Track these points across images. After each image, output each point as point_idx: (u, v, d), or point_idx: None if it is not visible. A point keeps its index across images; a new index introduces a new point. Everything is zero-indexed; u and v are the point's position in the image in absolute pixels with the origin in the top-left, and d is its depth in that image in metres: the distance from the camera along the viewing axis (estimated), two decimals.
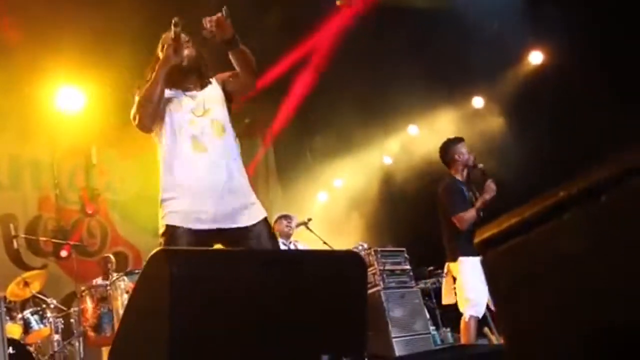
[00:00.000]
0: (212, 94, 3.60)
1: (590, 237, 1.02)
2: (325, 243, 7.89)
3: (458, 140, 6.07)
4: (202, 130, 3.42)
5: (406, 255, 8.02)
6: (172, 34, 3.34)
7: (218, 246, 3.33)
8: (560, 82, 8.94)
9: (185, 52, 3.48)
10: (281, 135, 12.74)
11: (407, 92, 9.98)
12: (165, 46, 3.40)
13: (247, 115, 11.10)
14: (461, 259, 5.61)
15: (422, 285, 8.83)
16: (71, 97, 9.87)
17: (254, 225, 3.36)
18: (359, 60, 9.98)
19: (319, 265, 2.16)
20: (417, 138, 11.39)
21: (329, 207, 12.08)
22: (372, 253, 7.78)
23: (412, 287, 7.85)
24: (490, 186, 5.65)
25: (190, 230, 3.21)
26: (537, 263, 1.12)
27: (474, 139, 9.63)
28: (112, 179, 10.97)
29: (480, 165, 5.80)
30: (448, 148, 6.00)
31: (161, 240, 3.25)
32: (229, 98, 3.66)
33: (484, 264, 1.28)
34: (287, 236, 7.68)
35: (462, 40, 9.08)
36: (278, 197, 12.83)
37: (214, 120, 3.48)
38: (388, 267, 7.72)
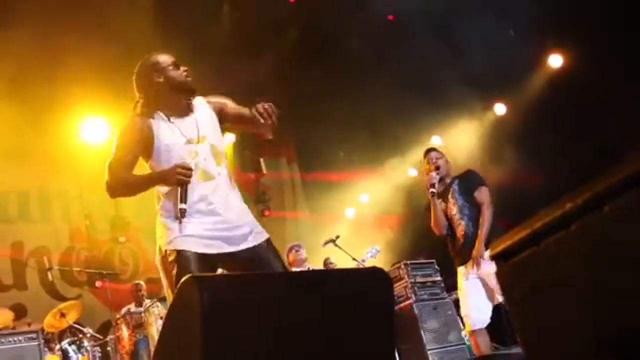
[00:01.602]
0: (204, 114, 3.50)
1: (596, 246, 1.04)
2: (354, 259, 7.90)
3: (425, 152, 6.00)
4: (204, 157, 3.35)
5: (436, 266, 8.00)
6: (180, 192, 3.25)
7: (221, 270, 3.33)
8: (581, 85, 8.90)
9: (185, 75, 3.45)
10: (304, 153, 12.82)
11: (429, 103, 9.99)
12: (178, 174, 3.22)
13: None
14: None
15: (454, 295, 8.77)
16: (95, 128, 9.99)
17: (259, 244, 3.35)
18: (379, 72, 10.02)
19: (344, 284, 2.18)
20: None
21: (358, 222, 12.07)
22: (402, 266, 7.77)
23: (444, 299, 7.81)
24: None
25: (199, 254, 3.19)
26: (548, 273, 1.15)
27: (497, 145, 9.62)
28: (141, 206, 11.04)
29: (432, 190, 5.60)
30: None
31: (172, 265, 3.19)
32: (222, 120, 3.57)
33: (499, 275, 1.31)
34: (302, 263, 7.68)
35: (480, 47, 9.08)
36: (307, 216, 12.87)
37: (213, 146, 3.42)
38: (419, 279, 7.70)
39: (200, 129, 3.40)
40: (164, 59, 3.50)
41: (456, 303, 8.33)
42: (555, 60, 10.03)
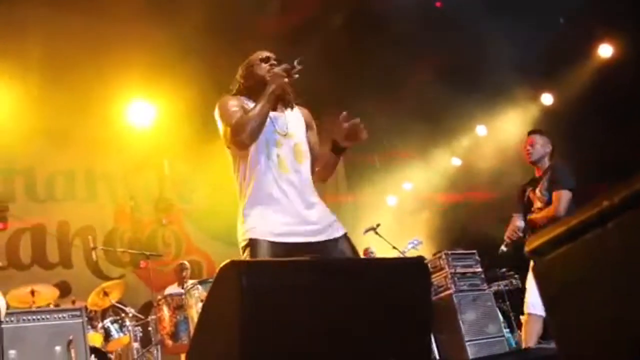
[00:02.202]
0: (296, 119, 3.62)
1: (632, 245, 1.03)
2: (395, 248, 7.88)
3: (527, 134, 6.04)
4: (287, 152, 3.45)
5: (477, 257, 7.95)
6: (293, 68, 3.37)
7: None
8: (631, 77, 8.70)
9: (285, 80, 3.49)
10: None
11: (474, 91, 9.89)
12: (279, 76, 3.39)
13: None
14: None
15: (494, 287, 8.72)
16: (142, 111, 10.15)
17: (336, 239, 3.39)
18: (422, 61, 9.94)
19: (383, 273, 2.19)
20: (486, 138, 11.24)
21: (399, 210, 12.03)
22: (443, 256, 7.74)
23: (484, 290, 7.77)
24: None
25: (273, 243, 3.24)
26: (583, 270, 1.14)
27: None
28: (184, 190, 11.22)
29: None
30: None
31: (245, 253, 3.27)
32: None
33: (534, 270, 1.31)
34: None
35: (528, 34, 8.93)
36: (348, 203, 12.86)
37: (297, 144, 3.52)
38: (459, 270, 7.67)
39: (289, 126, 3.53)
40: (264, 55, 3.63)
41: (496, 295, 8.31)
42: (605, 50, 9.82)
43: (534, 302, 5.41)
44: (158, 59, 8.89)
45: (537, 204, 5.57)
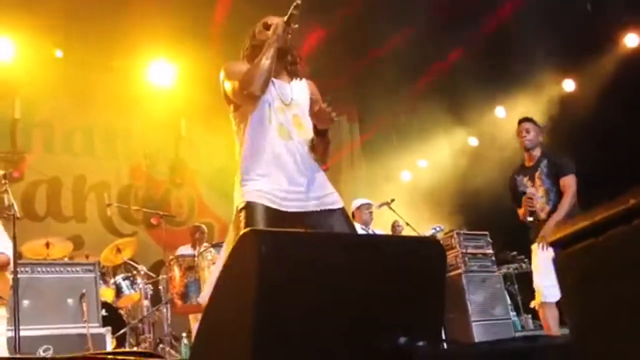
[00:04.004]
0: (300, 90, 3.66)
1: None
2: (407, 224, 7.89)
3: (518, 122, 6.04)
4: (287, 120, 3.49)
5: (489, 239, 7.96)
6: (289, 14, 3.37)
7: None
8: None
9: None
10: (366, 114, 12.78)
11: (494, 73, 9.82)
12: (277, 25, 3.42)
13: (328, 93, 11.15)
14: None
15: (504, 270, 8.74)
16: (163, 71, 10.19)
17: (333, 210, 3.44)
18: (444, 41, 9.87)
19: (400, 250, 2.21)
20: (504, 120, 11.17)
21: (412, 186, 12.02)
22: (455, 235, 7.76)
23: (494, 272, 7.79)
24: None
25: (270, 208, 3.29)
26: (605, 265, 1.16)
27: (563, 122, 9.40)
28: (200, 152, 11.25)
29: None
30: None
31: (241, 215, 3.33)
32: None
33: (555, 261, 1.34)
34: (368, 223, 7.68)
35: (554, 20, 8.84)
36: (362, 174, 12.86)
37: (296, 115, 3.54)
38: (470, 250, 7.69)
39: (293, 96, 3.58)
40: (268, 22, 3.59)
41: (505, 278, 8.34)
42: (632, 40, 9.70)
43: (548, 290, 5.41)
44: (179, 19, 8.87)
45: (539, 192, 5.62)
